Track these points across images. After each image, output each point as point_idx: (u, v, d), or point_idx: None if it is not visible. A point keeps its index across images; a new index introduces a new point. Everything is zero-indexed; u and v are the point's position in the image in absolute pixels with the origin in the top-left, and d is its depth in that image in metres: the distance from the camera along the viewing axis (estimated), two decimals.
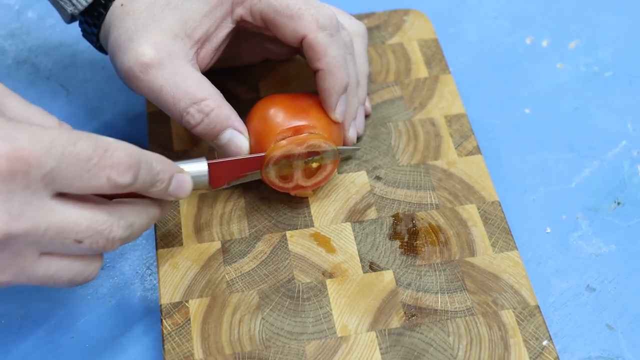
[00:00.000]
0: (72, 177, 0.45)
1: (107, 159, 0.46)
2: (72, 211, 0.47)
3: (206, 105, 0.57)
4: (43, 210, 0.45)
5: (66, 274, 0.48)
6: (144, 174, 0.49)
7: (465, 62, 0.76)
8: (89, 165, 0.46)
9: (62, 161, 0.45)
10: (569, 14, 0.80)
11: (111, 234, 0.48)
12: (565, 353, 0.57)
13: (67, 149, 0.45)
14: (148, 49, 0.57)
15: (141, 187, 0.49)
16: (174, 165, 0.53)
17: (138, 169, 0.48)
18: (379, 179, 0.64)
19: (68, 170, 0.45)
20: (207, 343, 0.55)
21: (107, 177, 0.46)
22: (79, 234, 0.47)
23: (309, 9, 0.58)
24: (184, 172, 0.54)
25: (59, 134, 0.45)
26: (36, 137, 0.44)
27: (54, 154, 0.44)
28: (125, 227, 0.49)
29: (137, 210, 0.51)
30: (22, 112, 0.49)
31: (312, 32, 0.58)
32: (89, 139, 0.46)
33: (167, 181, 0.52)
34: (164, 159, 0.52)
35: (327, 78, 0.59)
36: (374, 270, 0.58)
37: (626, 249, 0.63)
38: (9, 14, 0.80)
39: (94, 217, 0.47)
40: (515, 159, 0.68)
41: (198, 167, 0.56)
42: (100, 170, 0.46)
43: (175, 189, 0.53)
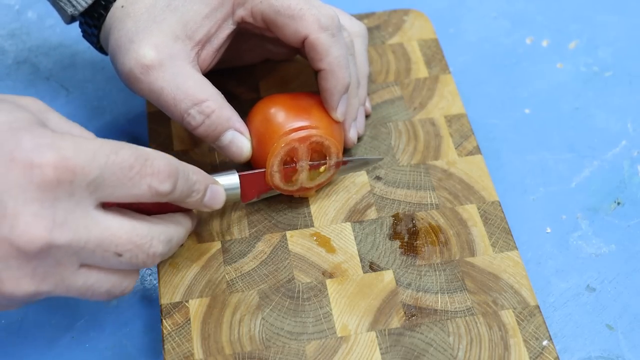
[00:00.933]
0: (115, 186, 0.47)
1: (147, 167, 0.47)
2: (114, 222, 0.47)
3: (207, 106, 0.57)
4: (85, 220, 0.46)
5: (104, 285, 0.49)
6: (182, 184, 0.50)
7: (465, 62, 0.76)
8: (131, 173, 0.47)
9: (105, 170, 0.46)
10: (569, 14, 0.80)
11: (151, 249, 0.49)
12: (565, 353, 0.57)
13: (110, 158, 0.46)
14: (149, 50, 0.57)
15: (179, 196, 0.51)
16: (209, 176, 0.54)
17: (176, 178, 0.49)
18: (379, 179, 0.64)
19: (111, 178, 0.46)
20: (207, 343, 0.55)
21: (148, 185, 0.48)
22: (119, 246, 0.47)
23: (310, 9, 0.58)
24: (218, 183, 0.55)
25: (101, 144, 0.46)
26: (81, 147, 0.45)
27: (98, 163, 0.45)
28: (165, 241, 0.51)
29: (175, 224, 0.53)
30: (62, 126, 0.50)
31: (314, 32, 0.58)
32: (130, 148, 0.47)
33: (202, 192, 0.53)
34: (199, 170, 0.53)
35: (329, 78, 0.59)
36: (374, 270, 0.58)
37: (626, 249, 0.63)
38: (9, 14, 0.80)
39: (134, 230, 0.48)
40: (515, 159, 0.69)
41: (230, 179, 0.57)
42: (142, 178, 0.47)
43: (210, 199, 0.54)
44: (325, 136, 0.59)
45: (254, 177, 0.59)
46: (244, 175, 0.58)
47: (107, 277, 0.49)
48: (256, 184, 0.59)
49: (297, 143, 0.59)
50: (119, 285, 0.50)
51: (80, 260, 0.47)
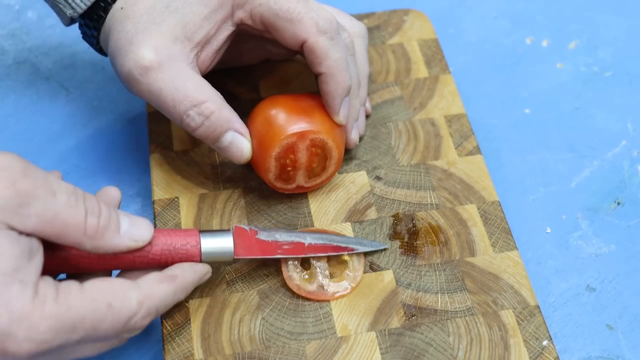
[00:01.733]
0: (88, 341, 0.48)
1: (125, 328, 0.48)
2: (85, 349, 0.49)
3: (206, 107, 0.57)
4: (59, 355, 0.47)
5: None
6: (160, 312, 0.51)
7: (465, 62, 0.76)
8: (105, 334, 0.48)
9: (83, 339, 0.47)
10: (569, 14, 0.80)
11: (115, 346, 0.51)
12: (565, 353, 0.57)
13: (88, 333, 0.46)
14: (148, 52, 0.57)
15: None
16: (201, 274, 0.53)
17: (154, 316, 0.50)
18: (379, 179, 0.64)
19: (86, 340, 0.47)
20: (207, 343, 0.55)
21: (120, 338, 0.51)
22: (87, 356, 0.49)
23: (308, 13, 0.58)
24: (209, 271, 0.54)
25: (83, 318, 0.46)
26: (57, 327, 0.45)
27: (75, 338, 0.46)
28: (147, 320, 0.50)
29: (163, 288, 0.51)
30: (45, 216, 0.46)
31: (313, 36, 0.58)
32: (113, 317, 0.47)
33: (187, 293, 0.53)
34: (193, 280, 0.53)
35: (330, 82, 0.59)
36: (374, 270, 0.58)
37: (626, 249, 0.63)
38: (9, 14, 0.80)
39: (103, 347, 0.50)
40: (515, 159, 0.69)
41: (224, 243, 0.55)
42: (117, 334, 0.48)
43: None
44: (325, 135, 0.59)
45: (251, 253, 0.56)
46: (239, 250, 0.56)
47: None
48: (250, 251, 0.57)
49: (296, 139, 0.59)
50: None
51: None
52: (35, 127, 0.71)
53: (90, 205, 0.48)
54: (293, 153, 0.59)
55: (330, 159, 0.60)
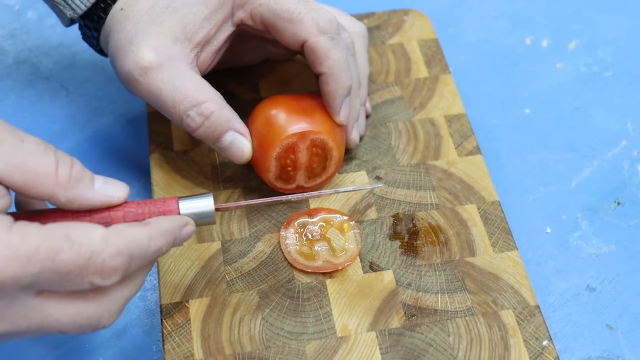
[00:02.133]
0: (52, 285, 0.44)
1: (90, 267, 0.44)
2: (56, 309, 0.45)
3: (206, 107, 0.57)
4: (24, 310, 0.44)
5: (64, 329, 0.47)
6: (137, 264, 0.46)
7: (465, 62, 0.76)
8: (69, 276, 0.44)
9: (40, 276, 0.43)
10: (569, 14, 0.80)
11: (99, 325, 0.46)
12: (565, 353, 0.57)
13: (45, 265, 0.43)
14: (148, 52, 0.57)
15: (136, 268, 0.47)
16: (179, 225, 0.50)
17: (128, 265, 0.46)
18: (379, 179, 0.64)
19: (47, 282, 0.43)
20: (207, 343, 0.55)
21: (89, 283, 0.44)
22: (63, 329, 0.45)
23: (309, 13, 0.58)
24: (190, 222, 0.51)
25: (37, 247, 0.42)
26: (12, 255, 0.42)
27: (31, 271, 0.42)
28: (118, 312, 0.47)
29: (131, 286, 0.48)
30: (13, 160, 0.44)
31: (313, 36, 0.58)
32: (72, 248, 0.43)
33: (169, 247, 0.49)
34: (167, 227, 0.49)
35: (330, 82, 0.59)
36: (374, 270, 0.58)
37: (626, 249, 0.63)
38: (9, 14, 0.80)
39: (79, 313, 0.45)
40: (515, 159, 0.69)
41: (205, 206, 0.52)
42: (82, 278, 0.44)
43: (180, 241, 0.51)
44: (326, 135, 0.59)
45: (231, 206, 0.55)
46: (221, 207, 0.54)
47: None
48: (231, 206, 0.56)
49: (296, 139, 0.59)
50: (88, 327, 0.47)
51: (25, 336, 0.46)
52: (35, 127, 0.71)
53: (62, 157, 0.46)
54: (293, 153, 0.59)
55: (331, 159, 0.60)
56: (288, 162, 0.59)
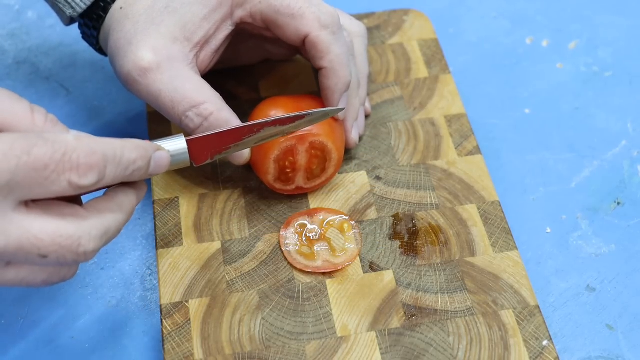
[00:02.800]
0: (31, 186, 0.44)
1: (65, 162, 0.44)
2: (35, 224, 0.44)
3: (205, 108, 0.57)
4: (2, 223, 0.44)
5: (39, 277, 0.47)
6: (112, 170, 0.47)
7: (465, 62, 0.76)
8: (46, 172, 0.44)
9: (17, 173, 0.43)
10: (569, 14, 0.80)
11: (80, 248, 0.46)
12: (565, 353, 0.57)
13: (21, 160, 0.43)
14: (147, 52, 0.57)
15: (113, 181, 0.47)
16: (151, 145, 0.51)
17: (103, 166, 0.46)
18: (379, 179, 0.64)
19: (25, 180, 0.43)
20: (207, 343, 0.55)
21: (67, 181, 0.44)
22: (42, 249, 0.44)
23: (310, 8, 0.58)
24: (162, 149, 0.52)
25: (12, 144, 0.43)
26: None
27: (8, 167, 0.43)
28: (98, 237, 0.47)
29: (113, 211, 0.49)
30: None
31: (315, 30, 0.58)
32: (45, 143, 0.44)
33: (145, 167, 0.49)
34: (140, 143, 0.49)
35: (331, 76, 0.59)
36: (374, 270, 0.58)
37: (626, 249, 0.63)
38: (9, 14, 0.80)
39: (58, 230, 0.45)
40: (515, 159, 0.68)
41: (176, 144, 0.54)
42: (60, 175, 0.44)
43: (155, 168, 0.51)
44: (325, 137, 0.59)
45: (204, 140, 0.55)
46: (191, 140, 0.55)
47: (40, 270, 0.47)
48: (207, 146, 0.56)
49: (295, 142, 0.59)
50: (57, 274, 0.48)
51: (4, 261, 0.45)
52: None
53: (37, 106, 0.47)
54: (292, 155, 0.59)
55: (330, 160, 0.60)
56: (287, 164, 0.59)
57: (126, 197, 0.50)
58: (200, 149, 0.55)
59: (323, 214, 0.61)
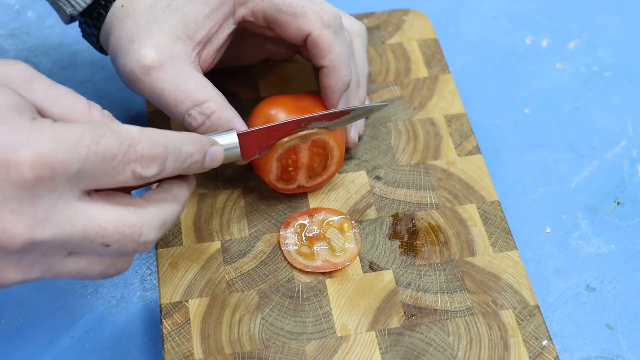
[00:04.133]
0: (99, 176, 0.45)
1: (131, 153, 0.46)
2: (99, 213, 0.46)
3: (208, 107, 0.57)
4: (69, 213, 0.44)
5: (96, 269, 0.48)
6: (172, 162, 0.48)
7: (465, 62, 0.76)
8: (114, 162, 0.45)
9: (87, 162, 0.44)
10: (569, 14, 0.80)
11: (142, 237, 0.47)
12: (565, 353, 0.57)
13: (91, 149, 0.44)
14: (150, 51, 0.57)
15: (172, 173, 0.49)
16: (207, 140, 0.52)
17: (164, 159, 0.47)
18: (379, 179, 0.64)
19: (94, 170, 0.44)
20: (207, 343, 0.55)
21: (132, 172, 0.46)
22: (106, 237, 0.46)
23: (312, 7, 0.58)
24: (218, 144, 0.53)
25: (82, 134, 0.44)
26: (60, 140, 0.43)
27: (79, 156, 0.44)
28: (158, 227, 0.48)
29: (170, 202, 0.50)
30: (50, 94, 0.47)
31: (317, 29, 0.58)
32: (113, 134, 0.45)
33: (201, 160, 0.51)
34: (197, 137, 0.51)
35: (332, 75, 0.59)
36: (374, 270, 0.58)
37: (626, 249, 0.63)
38: (9, 14, 0.80)
39: (121, 220, 0.46)
40: (515, 159, 0.69)
41: (229, 139, 0.55)
42: (126, 165, 0.46)
43: (210, 162, 0.52)
44: (327, 135, 0.59)
45: (255, 134, 0.57)
46: (243, 134, 0.56)
47: (99, 261, 0.48)
48: (257, 141, 0.57)
49: (298, 140, 0.59)
50: (113, 267, 0.49)
51: (67, 251, 0.46)
52: None
53: (93, 102, 0.49)
54: (295, 154, 0.59)
55: (332, 159, 0.60)
56: (289, 163, 0.59)
57: (180, 190, 0.51)
58: (249, 144, 0.56)
59: (323, 214, 0.61)
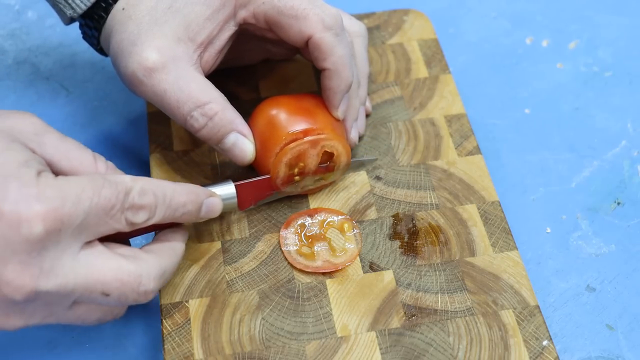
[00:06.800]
0: (98, 225, 0.47)
1: (126, 202, 0.48)
2: (99, 261, 0.48)
3: (210, 108, 0.57)
4: (72, 263, 0.46)
5: (94, 315, 0.50)
6: (162, 210, 0.50)
7: (465, 62, 0.76)
8: (112, 211, 0.48)
9: (89, 213, 0.46)
10: (569, 14, 0.80)
11: (141, 286, 0.49)
12: (565, 353, 0.57)
13: (93, 201, 0.47)
14: (152, 53, 0.57)
15: (162, 220, 0.51)
16: (204, 191, 0.54)
17: (154, 206, 0.50)
18: (379, 179, 0.64)
19: (94, 220, 0.47)
20: (207, 343, 0.55)
21: (125, 219, 0.48)
22: (105, 286, 0.47)
23: (313, 9, 0.58)
24: (215, 194, 0.55)
25: (83, 187, 0.46)
26: (65, 194, 0.46)
27: (82, 209, 0.46)
28: (157, 277, 0.50)
29: (169, 254, 0.53)
30: (59, 148, 0.50)
31: (318, 32, 0.58)
32: (110, 185, 0.48)
33: (195, 211, 0.53)
34: (192, 189, 0.53)
35: (333, 77, 0.59)
36: (374, 270, 0.58)
37: (626, 249, 0.63)
38: (9, 14, 0.80)
39: (120, 268, 0.48)
40: (515, 159, 0.69)
41: (226, 190, 0.57)
42: (122, 213, 0.48)
43: (206, 213, 0.55)
44: (336, 141, 0.59)
45: (251, 185, 0.59)
46: (240, 185, 0.58)
47: (97, 308, 0.50)
48: (253, 191, 0.59)
49: (308, 146, 0.59)
50: (110, 313, 0.51)
51: (70, 300, 0.48)
52: None
53: (97, 154, 0.52)
54: (303, 160, 0.59)
55: (339, 164, 0.61)
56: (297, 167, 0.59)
57: (178, 242, 0.54)
58: (246, 194, 0.59)
59: (323, 214, 0.61)
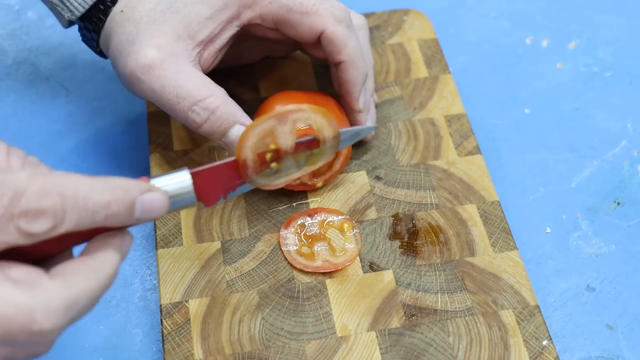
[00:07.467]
0: None
1: (14, 207, 0.38)
2: None
3: (211, 102, 0.57)
4: None
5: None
6: (75, 214, 0.40)
7: (465, 62, 0.76)
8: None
9: None
10: (569, 14, 0.80)
11: (34, 325, 0.37)
12: (565, 353, 0.57)
13: None
14: (150, 50, 0.57)
15: (77, 227, 0.40)
16: (136, 186, 0.43)
17: (61, 210, 0.39)
18: (379, 179, 0.64)
19: None
20: (207, 343, 0.55)
21: (16, 228, 0.39)
22: None
23: (323, 4, 0.59)
24: (153, 189, 0.44)
25: None
26: None
27: None
28: (60, 310, 0.39)
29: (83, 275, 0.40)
30: None
31: (330, 26, 0.58)
32: None
33: (125, 212, 0.42)
34: (119, 184, 0.42)
35: (350, 69, 0.60)
36: (374, 270, 0.58)
37: (626, 249, 0.63)
38: (9, 14, 0.80)
39: (5, 296, 0.37)
40: (515, 159, 0.68)
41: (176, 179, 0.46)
42: (8, 222, 0.38)
43: (143, 213, 0.43)
44: (312, 113, 0.54)
45: (211, 172, 0.48)
46: (198, 173, 0.47)
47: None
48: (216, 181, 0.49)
49: (275, 123, 0.53)
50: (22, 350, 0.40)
51: None
52: (35, 127, 0.71)
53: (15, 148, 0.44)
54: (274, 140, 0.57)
55: (338, 156, 0.61)
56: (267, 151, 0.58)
57: (105, 256, 0.42)
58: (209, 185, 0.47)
59: (323, 214, 0.61)
